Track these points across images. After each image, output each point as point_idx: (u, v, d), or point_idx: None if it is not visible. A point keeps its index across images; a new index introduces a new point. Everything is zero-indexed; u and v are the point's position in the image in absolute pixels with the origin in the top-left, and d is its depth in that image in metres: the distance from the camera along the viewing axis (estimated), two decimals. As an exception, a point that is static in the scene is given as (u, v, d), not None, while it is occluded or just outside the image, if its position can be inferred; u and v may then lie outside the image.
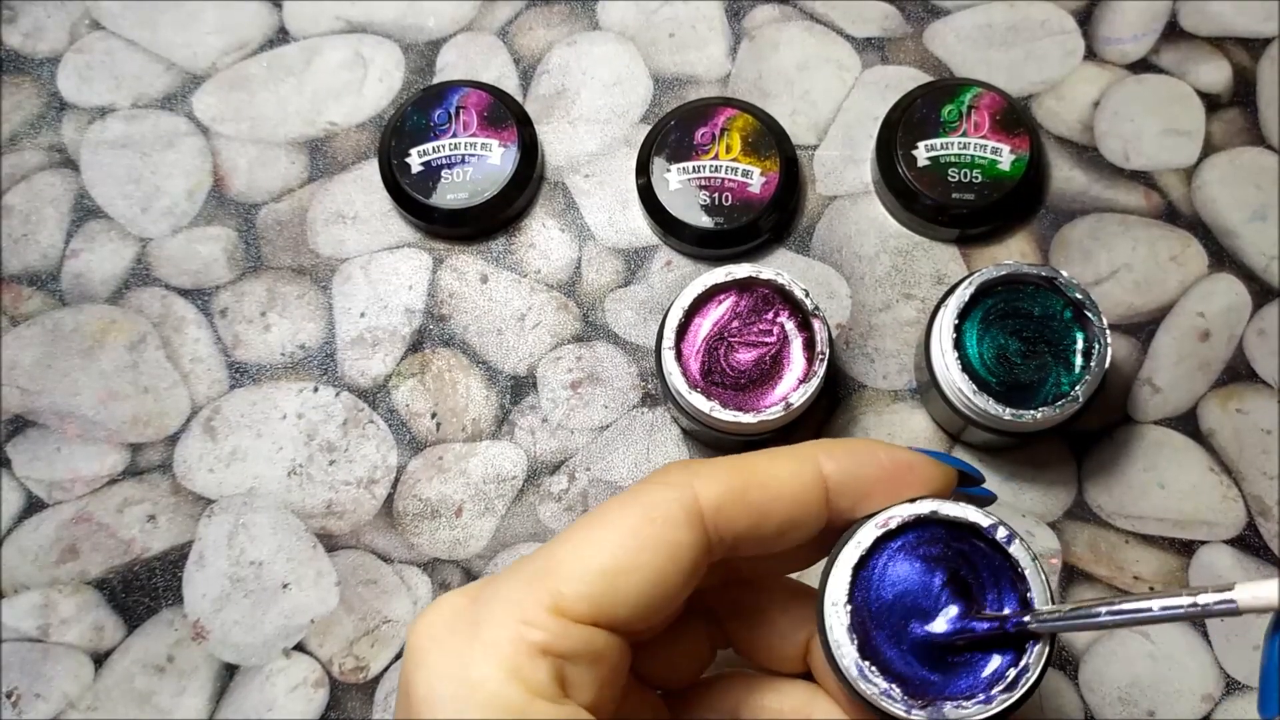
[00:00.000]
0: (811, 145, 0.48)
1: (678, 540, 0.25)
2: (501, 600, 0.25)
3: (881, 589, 0.27)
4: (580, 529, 0.26)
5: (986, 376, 0.40)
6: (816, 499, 0.27)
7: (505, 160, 0.46)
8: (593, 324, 0.46)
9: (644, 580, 0.25)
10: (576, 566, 0.25)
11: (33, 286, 0.48)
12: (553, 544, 0.26)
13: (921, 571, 0.27)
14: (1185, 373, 0.45)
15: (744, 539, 0.26)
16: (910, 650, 0.27)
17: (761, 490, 0.26)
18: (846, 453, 0.27)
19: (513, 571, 0.26)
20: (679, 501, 0.26)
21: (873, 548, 0.27)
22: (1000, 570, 0.27)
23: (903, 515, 0.27)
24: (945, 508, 0.27)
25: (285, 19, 0.50)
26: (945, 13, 0.49)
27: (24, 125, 0.50)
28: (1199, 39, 0.49)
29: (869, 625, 0.26)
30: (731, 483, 0.26)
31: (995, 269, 0.40)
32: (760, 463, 0.27)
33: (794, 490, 0.27)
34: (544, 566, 0.25)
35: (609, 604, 0.25)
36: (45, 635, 0.44)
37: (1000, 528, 0.27)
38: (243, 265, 0.48)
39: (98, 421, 0.46)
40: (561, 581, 0.25)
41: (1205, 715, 0.42)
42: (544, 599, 0.24)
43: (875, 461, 0.27)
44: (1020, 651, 0.26)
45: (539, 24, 0.50)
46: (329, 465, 0.45)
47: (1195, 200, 0.47)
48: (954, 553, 0.27)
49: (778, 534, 0.27)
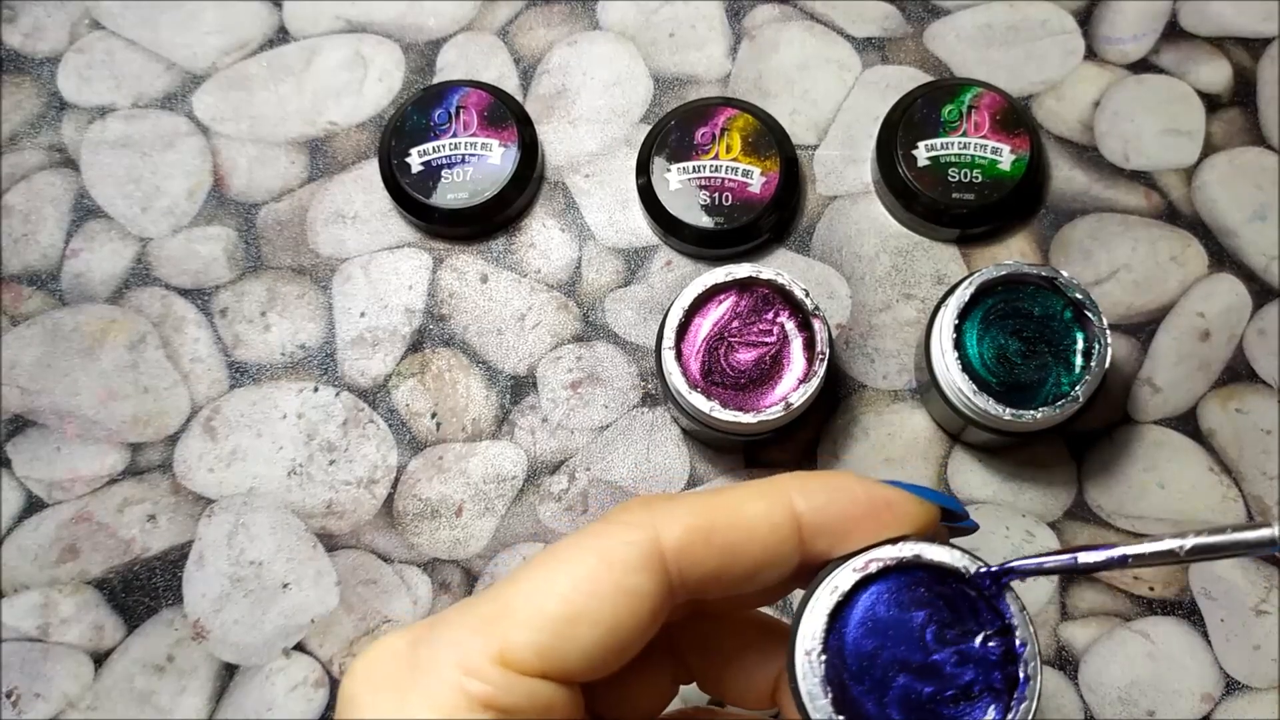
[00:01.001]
0: (811, 145, 0.48)
1: (636, 587, 0.23)
2: (444, 646, 0.23)
3: (859, 637, 0.25)
4: (532, 571, 0.24)
5: (986, 376, 0.40)
6: (789, 539, 0.25)
7: (505, 160, 0.46)
8: (593, 324, 0.46)
9: (598, 630, 0.23)
10: (526, 613, 0.23)
11: (33, 286, 0.48)
12: (502, 585, 0.24)
13: (904, 619, 0.25)
14: (1185, 373, 0.45)
15: (710, 582, 0.24)
16: (891, 703, 0.25)
17: (729, 531, 0.24)
18: (821, 489, 0.25)
19: (459, 614, 0.24)
20: (638, 544, 0.24)
21: (850, 593, 0.25)
22: (988, 617, 0.25)
23: (883, 559, 0.25)
24: (929, 551, 0.25)
25: (285, 19, 0.50)
26: (945, 13, 0.49)
27: (24, 125, 0.50)
28: (1199, 39, 0.49)
29: (845, 677, 0.25)
30: (696, 523, 0.24)
31: (995, 269, 0.40)
32: (728, 500, 0.25)
33: (764, 531, 0.25)
34: (491, 611, 0.23)
35: (560, 655, 0.23)
36: (45, 635, 0.44)
37: (987, 575, 0.25)
38: (243, 265, 0.48)
39: (98, 421, 0.46)
40: (509, 629, 0.23)
41: (1205, 715, 0.42)
42: (489, 648, 0.23)
43: (852, 498, 0.25)
44: (1008, 707, 0.24)
45: (539, 24, 0.50)
46: (329, 465, 0.45)
47: (1195, 200, 0.47)
48: (939, 599, 0.25)
49: (747, 577, 0.25)
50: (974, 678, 0.25)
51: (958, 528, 0.28)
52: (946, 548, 0.25)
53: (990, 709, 0.25)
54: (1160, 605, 0.43)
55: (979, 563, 0.25)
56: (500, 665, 0.23)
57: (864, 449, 0.45)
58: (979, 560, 0.25)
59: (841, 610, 0.25)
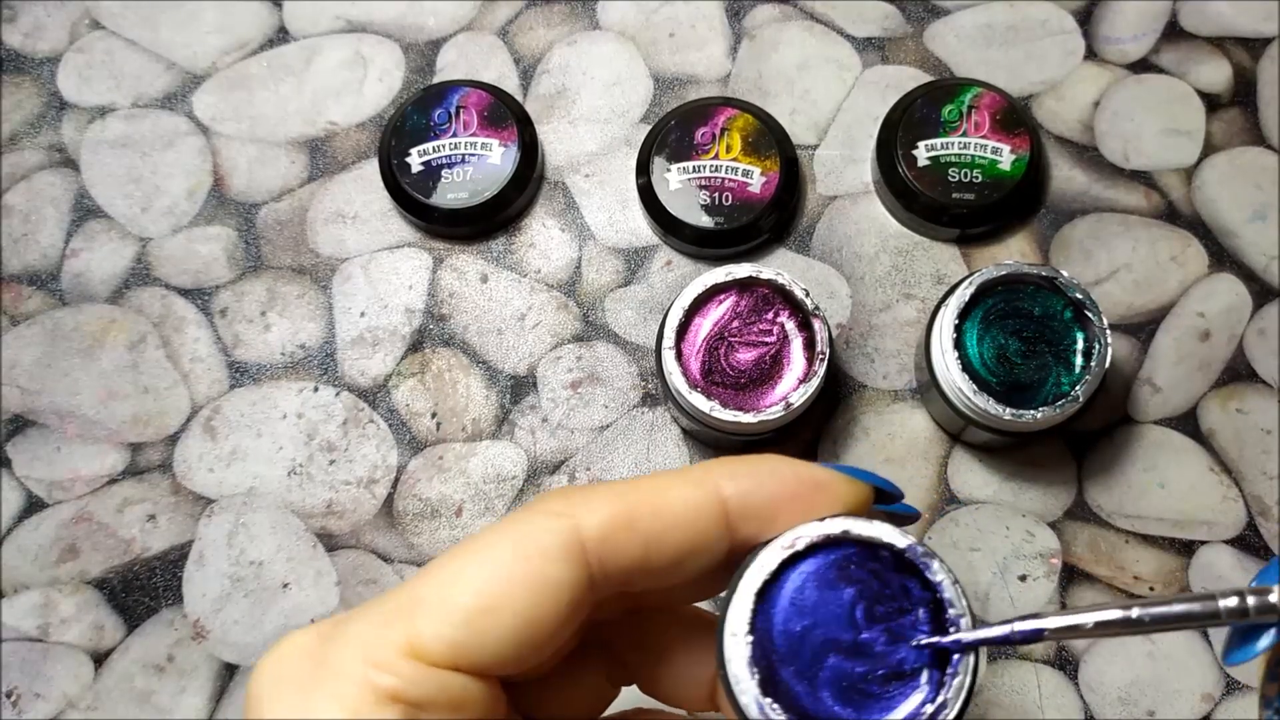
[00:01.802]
0: (811, 145, 0.48)
1: (553, 576, 0.22)
2: (351, 640, 0.22)
3: (788, 618, 0.24)
4: (445, 562, 0.23)
5: (987, 376, 0.40)
6: (715, 524, 0.24)
7: (505, 160, 0.46)
8: (593, 324, 0.46)
9: (513, 621, 0.22)
10: (436, 604, 0.22)
11: (33, 286, 0.48)
12: (415, 578, 0.23)
13: (833, 597, 0.24)
14: (1185, 373, 0.45)
15: (634, 572, 0.23)
16: (822, 684, 0.24)
17: (652, 518, 0.23)
18: (748, 472, 0.24)
19: (368, 608, 0.23)
20: (556, 533, 0.23)
21: (777, 572, 0.24)
22: (919, 594, 0.24)
23: (810, 536, 0.24)
24: (858, 526, 0.24)
25: (285, 19, 0.50)
26: (945, 13, 0.49)
27: (24, 125, 0.50)
28: (1199, 39, 0.49)
29: (773, 658, 0.24)
30: (617, 510, 0.23)
31: (995, 269, 0.40)
32: (650, 486, 0.24)
33: (689, 516, 0.24)
34: (401, 603, 0.23)
35: (472, 647, 0.22)
36: (45, 635, 0.44)
37: (918, 547, 0.24)
38: (243, 265, 0.48)
39: (98, 421, 0.46)
40: (419, 620, 0.22)
41: (1205, 715, 0.42)
42: (398, 640, 0.22)
43: (780, 481, 0.24)
44: (940, 684, 0.24)
45: (539, 24, 0.50)
46: (329, 465, 0.45)
47: (1195, 200, 0.47)
48: (869, 575, 0.24)
49: (673, 565, 0.24)
50: (905, 655, 0.24)
51: (898, 514, 0.27)
52: (876, 522, 0.24)
53: (923, 687, 0.24)
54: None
55: (909, 538, 0.24)
56: (409, 657, 0.22)
57: (864, 449, 0.45)
58: (909, 536, 0.24)
59: (768, 591, 0.24)
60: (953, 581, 0.24)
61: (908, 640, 0.24)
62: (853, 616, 0.24)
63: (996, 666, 0.43)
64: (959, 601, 0.24)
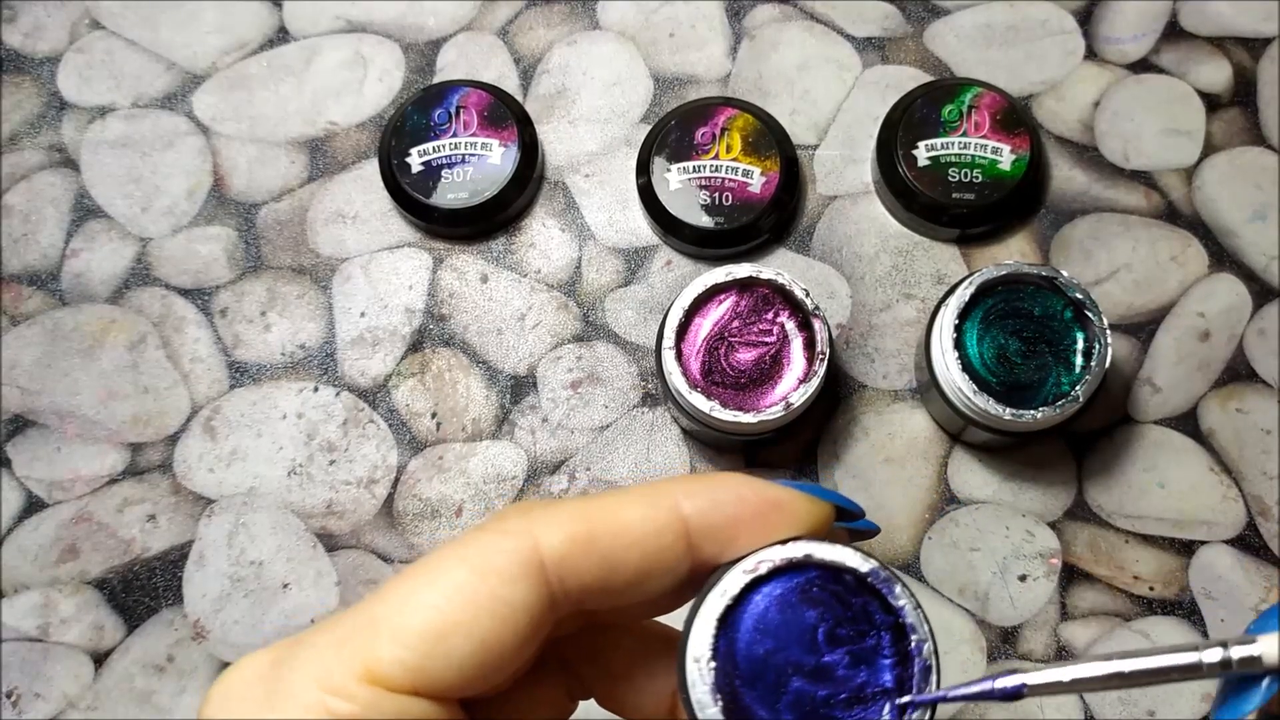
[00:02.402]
0: (811, 145, 0.48)
1: (512, 598, 0.22)
2: (306, 665, 0.22)
3: (750, 641, 0.24)
4: (401, 583, 0.22)
5: (987, 376, 0.40)
6: (675, 544, 0.24)
7: (505, 160, 0.46)
8: (593, 324, 0.46)
9: (472, 644, 0.22)
10: (393, 627, 0.22)
11: (33, 286, 0.48)
12: (371, 599, 0.23)
13: (796, 621, 0.24)
14: (1185, 373, 0.45)
15: (594, 591, 0.23)
16: (784, 708, 0.24)
17: (611, 537, 0.23)
18: (707, 491, 0.24)
19: (322, 631, 0.22)
20: (515, 553, 0.22)
21: (740, 596, 0.24)
22: (881, 618, 0.24)
23: (773, 560, 0.24)
24: (820, 550, 0.24)
25: (285, 19, 0.50)
26: (945, 13, 0.49)
27: (24, 125, 0.50)
28: (1199, 39, 0.49)
29: (736, 682, 0.24)
30: (576, 530, 0.23)
31: (995, 269, 0.40)
32: (609, 506, 0.24)
33: (648, 536, 0.23)
34: (356, 626, 0.22)
35: (431, 671, 0.22)
36: (45, 635, 0.44)
37: (881, 571, 0.24)
38: (243, 265, 0.48)
39: (98, 421, 0.46)
40: (375, 644, 0.21)
41: (1205, 715, 0.42)
42: (354, 665, 0.21)
43: (739, 500, 0.24)
44: (902, 711, 0.24)
45: (539, 24, 0.50)
46: (329, 465, 0.45)
47: (1195, 200, 0.47)
48: (831, 599, 0.24)
49: (632, 584, 0.24)
50: (866, 679, 0.24)
51: (858, 530, 0.27)
52: (839, 546, 0.24)
53: (885, 711, 0.24)
54: (1160, 605, 0.43)
55: (872, 562, 0.24)
56: (366, 683, 0.21)
57: (864, 449, 0.45)
58: (872, 560, 0.24)
59: (731, 614, 0.24)
60: (914, 606, 0.24)
61: (870, 664, 0.24)
62: (815, 640, 0.24)
63: (996, 666, 0.43)
64: (921, 626, 0.24)
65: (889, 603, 0.24)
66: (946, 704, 0.24)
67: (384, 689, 0.21)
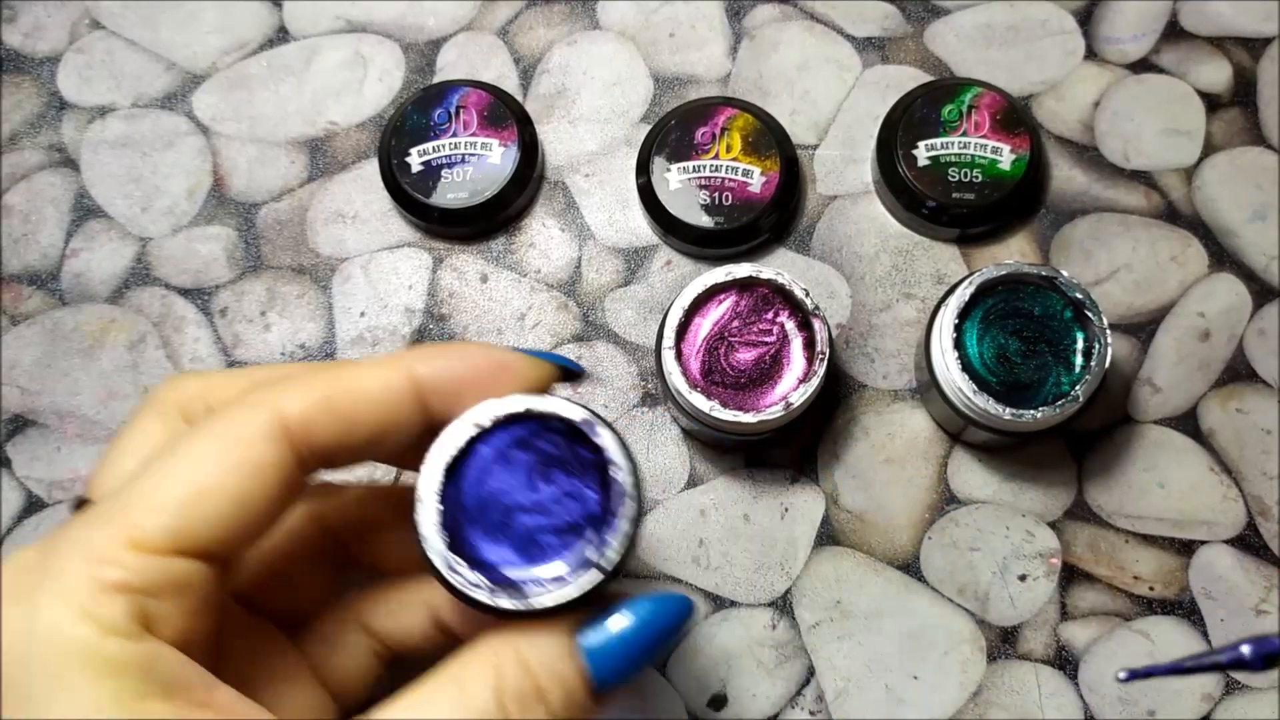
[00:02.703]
0: (811, 145, 0.48)
1: (260, 458, 0.25)
2: (73, 543, 0.24)
3: (475, 484, 0.27)
4: (158, 462, 0.25)
5: (986, 376, 0.40)
6: (408, 403, 0.27)
7: (505, 160, 0.46)
8: (593, 324, 0.46)
9: (228, 503, 0.24)
10: (154, 498, 0.24)
11: (33, 286, 0.48)
12: (128, 483, 0.24)
13: (516, 465, 0.27)
14: (1185, 373, 0.45)
15: (336, 449, 0.26)
16: (504, 541, 0.27)
17: (349, 399, 0.26)
18: (440, 355, 0.27)
19: (84, 516, 0.24)
20: (260, 420, 0.25)
21: (465, 446, 0.27)
22: (589, 457, 0.28)
23: (494, 412, 0.27)
24: (537, 403, 0.27)
25: (285, 19, 0.50)
26: (945, 12, 0.49)
27: (24, 125, 0.50)
28: (1199, 39, 0.49)
29: (462, 520, 0.27)
30: (315, 394, 0.26)
31: (995, 269, 0.40)
32: (346, 372, 0.27)
33: (383, 396, 0.26)
34: (119, 504, 0.24)
35: (191, 530, 0.24)
36: (45, 635, 0.44)
37: (589, 419, 0.27)
38: (243, 265, 0.48)
39: (98, 421, 0.46)
40: (138, 515, 0.24)
41: (1205, 715, 0.42)
42: (118, 535, 0.23)
43: (469, 360, 0.27)
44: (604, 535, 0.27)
45: (539, 23, 0.50)
46: (329, 465, 0.45)
47: (1195, 200, 0.47)
48: (547, 444, 0.28)
49: (370, 441, 0.27)
50: (577, 509, 0.27)
51: (569, 370, 0.30)
52: (553, 398, 0.27)
53: (591, 539, 0.27)
54: (1160, 605, 0.43)
55: (582, 411, 0.27)
56: (133, 550, 0.23)
57: (864, 449, 0.45)
58: (583, 409, 0.27)
59: (458, 462, 0.27)
60: (618, 445, 0.27)
61: (580, 497, 0.27)
62: (532, 480, 0.27)
63: (996, 666, 0.43)
64: (621, 460, 0.27)
65: (595, 444, 0.27)
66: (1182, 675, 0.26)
67: (150, 553, 0.23)
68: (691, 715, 0.42)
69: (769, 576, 0.43)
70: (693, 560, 0.44)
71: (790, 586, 0.43)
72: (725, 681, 0.43)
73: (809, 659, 0.43)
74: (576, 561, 0.27)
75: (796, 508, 0.44)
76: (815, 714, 0.42)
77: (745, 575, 0.44)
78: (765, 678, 0.43)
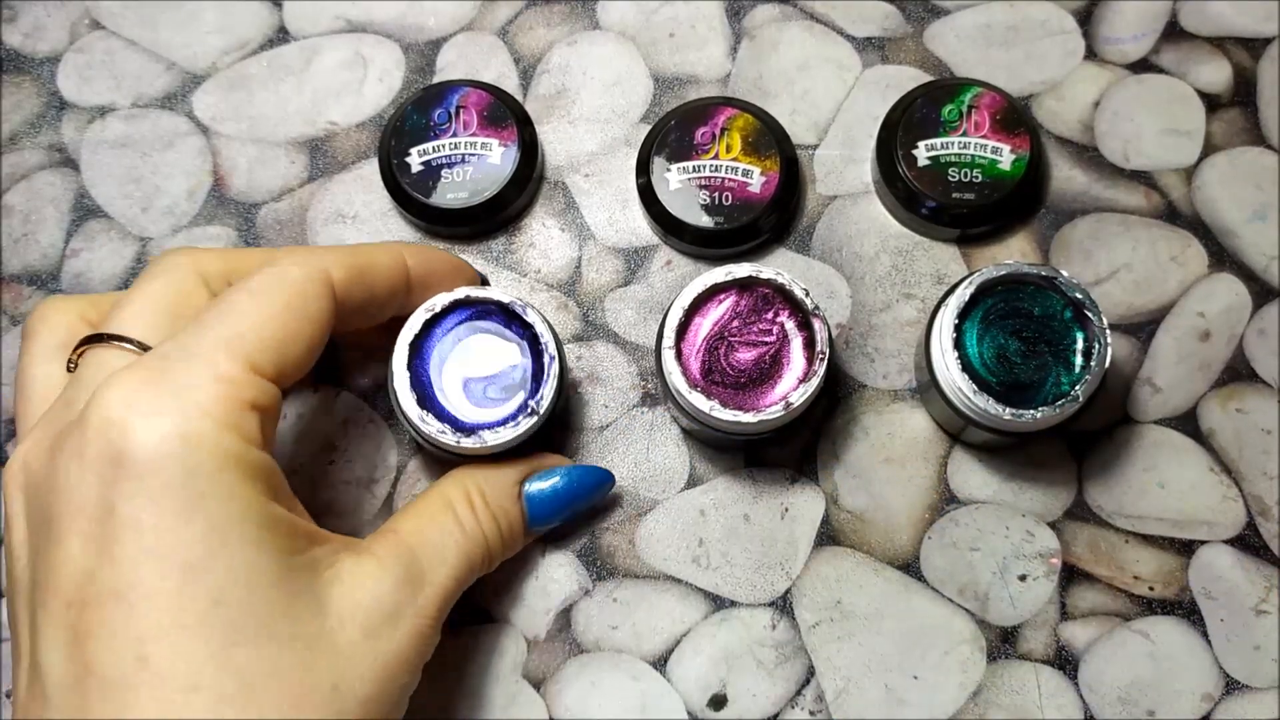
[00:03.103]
0: (811, 145, 0.48)
1: (320, 312, 0.33)
2: (195, 361, 0.29)
3: (434, 355, 0.38)
4: (239, 301, 0.31)
5: (986, 376, 0.40)
6: (403, 282, 0.38)
7: (505, 160, 0.46)
8: (593, 324, 0.46)
9: (302, 345, 0.32)
10: (259, 335, 0.31)
11: (33, 286, 0.48)
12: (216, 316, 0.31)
13: (462, 337, 0.39)
14: (1185, 373, 0.45)
15: (358, 309, 0.36)
16: (460, 398, 0.38)
17: (371, 272, 0.36)
18: (423, 252, 0.39)
19: (191, 339, 0.30)
20: (317, 280, 0.33)
21: (423, 327, 0.38)
22: (520, 331, 0.39)
23: (443, 301, 0.38)
24: (475, 291, 0.39)
25: (285, 19, 0.50)
26: (945, 12, 0.49)
27: (24, 125, 0.50)
28: (1199, 39, 0.49)
29: (426, 383, 0.38)
30: (352, 264, 0.35)
31: (995, 269, 0.40)
32: (366, 252, 0.37)
33: (392, 274, 0.37)
34: (227, 335, 0.30)
35: (282, 364, 0.32)
36: (45, 635, 0.44)
37: (518, 302, 0.39)
38: (243, 265, 0.47)
39: (98, 421, 0.46)
40: (251, 349, 0.30)
41: (1205, 715, 0.42)
42: (241, 361, 0.30)
43: (439, 259, 0.40)
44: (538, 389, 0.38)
45: (539, 24, 0.50)
46: (329, 465, 0.45)
47: (1195, 200, 0.47)
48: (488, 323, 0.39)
49: (379, 306, 0.37)
50: (512, 368, 0.39)
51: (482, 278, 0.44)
52: (488, 288, 0.39)
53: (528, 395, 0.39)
54: (1160, 605, 0.43)
55: (510, 297, 0.39)
56: (253, 372, 0.30)
57: (864, 449, 0.45)
58: (511, 296, 0.39)
59: (419, 339, 0.38)
60: (542, 320, 0.39)
61: (514, 361, 0.39)
62: (478, 351, 0.39)
63: (996, 666, 0.43)
64: (544, 332, 0.39)
65: (525, 320, 0.39)
66: None
67: (265, 378, 0.31)
68: (691, 715, 0.42)
69: (769, 576, 0.43)
70: (693, 560, 0.44)
71: (790, 586, 0.43)
72: (725, 681, 0.43)
73: (809, 659, 0.43)
74: (516, 412, 0.38)
75: (796, 508, 0.44)
76: (815, 714, 0.42)
77: (745, 575, 0.44)
78: (765, 678, 0.43)
